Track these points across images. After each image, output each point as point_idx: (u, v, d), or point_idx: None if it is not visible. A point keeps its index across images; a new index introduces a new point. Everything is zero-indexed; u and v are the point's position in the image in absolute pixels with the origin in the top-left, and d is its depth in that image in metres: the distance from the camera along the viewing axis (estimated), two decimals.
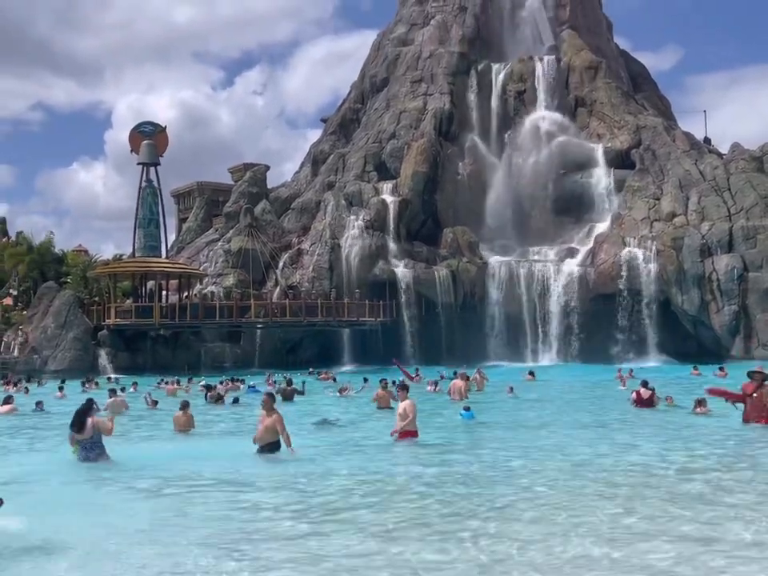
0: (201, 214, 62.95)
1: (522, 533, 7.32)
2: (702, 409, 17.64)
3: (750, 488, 9.22)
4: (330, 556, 6.71)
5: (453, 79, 58.85)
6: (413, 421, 13.61)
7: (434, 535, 7.30)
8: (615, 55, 65.83)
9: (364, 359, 46.19)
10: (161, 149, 50.97)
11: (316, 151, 62.89)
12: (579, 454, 12.19)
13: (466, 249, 51.78)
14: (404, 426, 13.55)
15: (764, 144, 52.59)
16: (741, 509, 8.08)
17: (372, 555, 6.74)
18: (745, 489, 9.17)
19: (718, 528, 7.32)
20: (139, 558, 6.73)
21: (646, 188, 52.08)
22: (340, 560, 6.59)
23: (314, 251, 51.38)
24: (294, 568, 6.45)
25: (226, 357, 45.94)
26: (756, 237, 45.80)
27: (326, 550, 6.90)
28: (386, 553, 6.78)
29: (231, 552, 6.88)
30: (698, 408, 17.75)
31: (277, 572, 6.37)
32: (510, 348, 48.15)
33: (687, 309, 46.45)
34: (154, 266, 46.97)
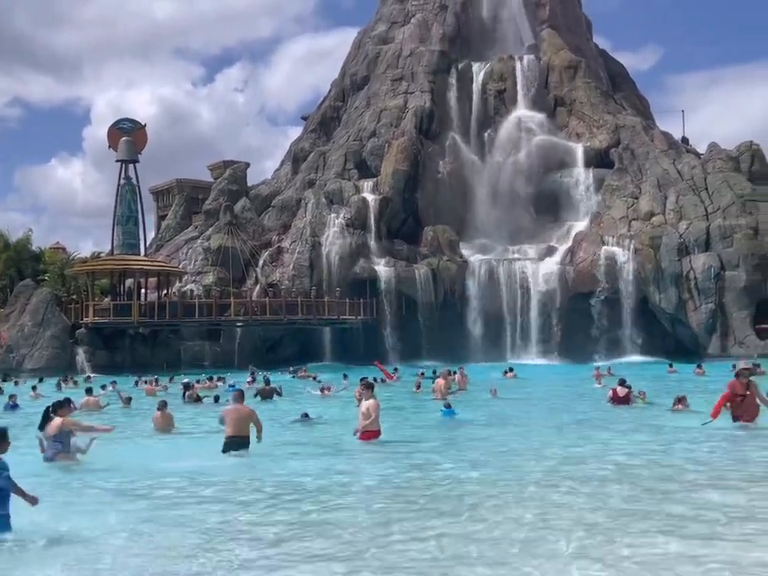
0: (180, 212, 62.62)
1: (484, 531, 7.35)
2: (681, 406, 17.80)
3: (724, 485, 9.33)
4: (297, 558, 6.71)
5: (433, 78, 58.94)
6: (375, 420, 13.51)
7: (396, 534, 7.32)
8: (594, 55, 66.23)
9: (344, 357, 46.20)
10: (140, 146, 50.61)
11: (296, 149, 62.74)
12: (552, 452, 12.25)
13: (447, 247, 51.90)
14: (366, 425, 13.48)
15: (741, 144, 53.17)
16: (705, 508, 8.18)
17: (338, 555, 6.75)
18: (719, 486, 9.28)
19: (685, 526, 7.41)
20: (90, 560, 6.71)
21: (624, 187, 52.45)
22: (305, 562, 6.60)
23: (295, 249, 51.29)
24: (262, 569, 6.45)
25: (206, 355, 45.76)
26: (733, 236, 46.28)
27: (292, 552, 6.89)
28: (354, 553, 6.79)
29: (193, 555, 6.84)
30: (678, 405, 17.92)
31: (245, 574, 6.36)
32: (489, 346, 48.32)
33: (665, 307, 46.85)
34: (132, 264, 46.68)
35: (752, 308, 45.01)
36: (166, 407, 16.60)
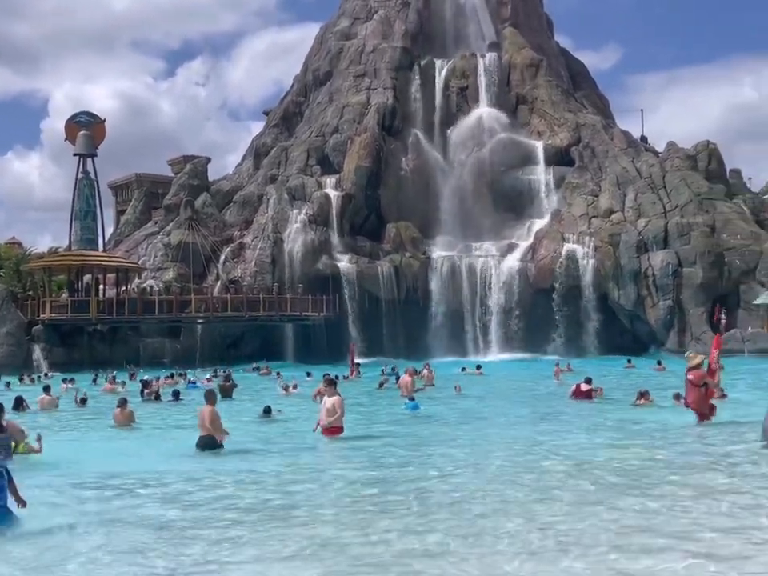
0: (139, 207, 61.74)
1: (440, 526, 7.38)
2: (644, 400, 18.02)
3: (680, 478, 9.46)
4: (251, 558, 6.65)
5: (396, 74, 58.92)
6: (341, 417, 13.56)
7: (350, 530, 7.30)
8: (556, 53, 66.81)
9: (307, 354, 46.01)
10: (98, 140, 49.76)
11: (258, 144, 62.28)
12: (511, 447, 12.36)
13: (409, 244, 51.98)
14: (332, 421, 13.47)
15: (698, 143, 54.11)
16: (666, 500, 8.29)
17: (297, 554, 6.70)
18: (675, 480, 9.41)
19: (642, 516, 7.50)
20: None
21: (584, 185, 53.03)
22: (262, 562, 6.54)
23: (256, 245, 50.94)
24: (217, 568, 6.37)
25: (166, 352, 45.23)
26: (690, 233, 47.08)
27: (250, 551, 6.83)
28: (313, 550, 6.76)
29: (147, 554, 6.75)
30: (641, 399, 18.13)
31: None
32: (452, 342, 48.53)
33: (624, 303, 47.50)
34: (90, 260, 45.93)
35: (708, 304, 45.86)
36: (126, 404, 16.41)
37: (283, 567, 6.35)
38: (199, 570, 6.33)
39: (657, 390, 19.40)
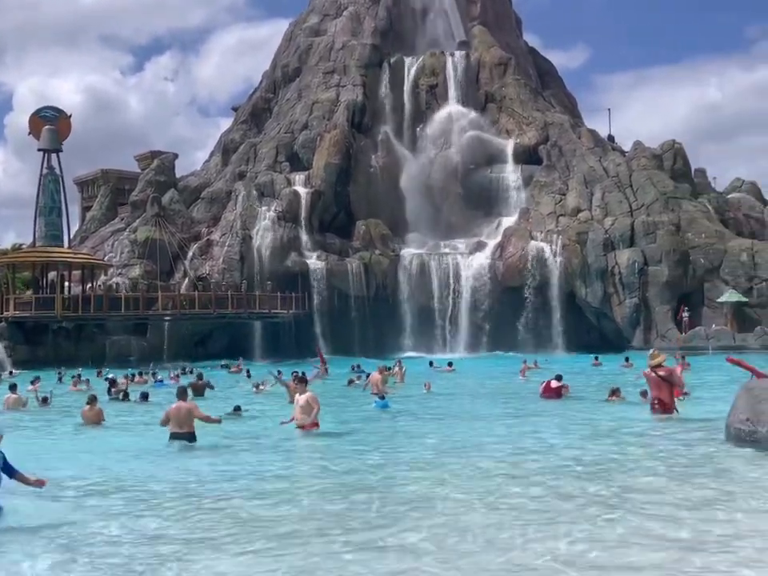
0: (105, 203, 61.02)
1: (403, 524, 7.40)
2: (616, 397, 18.17)
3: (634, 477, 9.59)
4: (217, 553, 6.61)
5: (365, 71, 58.87)
6: (316, 413, 13.58)
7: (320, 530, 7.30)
8: (524, 52, 67.23)
9: (276, 352, 45.80)
10: (63, 135, 49.06)
11: (226, 140, 61.86)
12: (477, 445, 12.43)
13: (379, 241, 52.00)
14: (306, 418, 13.47)
15: (664, 143, 54.79)
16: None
17: (262, 549, 6.70)
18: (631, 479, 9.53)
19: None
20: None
21: (552, 183, 53.45)
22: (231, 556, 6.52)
23: (225, 242, 50.61)
24: (185, 566, 6.33)
25: (132, 350, 44.71)
26: (656, 232, 47.68)
27: (217, 547, 6.80)
28: (278, 546, 6.74)
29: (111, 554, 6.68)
30: (612, 396, 18.28)
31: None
32: (421, 340, 48.67)
33: (591, 301, 47.98)
34: (55, 256, 45.27)
35: (674, 302, 46.51)
36: (95, 402, 16.24)
37: (247, 563, 6.33)
38: (168, 569, 6.27)
39: (626, 388, 19.59)
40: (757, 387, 11.71)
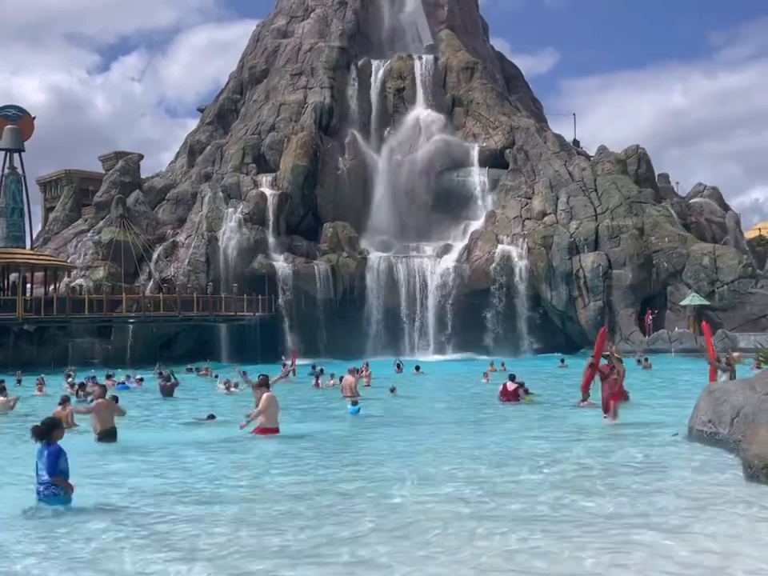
0: (69, 204, 60.16)
1: (362, 528, 7.44)
2: (585, 403, 18.21)
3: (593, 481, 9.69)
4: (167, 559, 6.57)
5: (333, 74, 58.80)
6: (275, 416, 13.55)
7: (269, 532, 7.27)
8: (491, 57, 67.67)
9: (242, 354, 45.45)
10: (26, 135, 48.39)
11: (192, 141, 61.37)
12: (435, 451, 12.48)
13: (346, 244, 51.94)
14: (265, 421, 13.41)
15: (628, 148, 55.48)
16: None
17: (214, 557, 6.68)
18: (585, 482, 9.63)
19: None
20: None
21: (518, 187, 53.84)
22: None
23: (190, 244, 50.19)
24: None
25: (96, 353, 44.13)
26: (620, 236, 48.27)
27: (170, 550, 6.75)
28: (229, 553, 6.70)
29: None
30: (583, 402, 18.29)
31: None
32: (388, 342, 48.67)
33: (556, 304, 48.42)
34: (17, 257, 44.53)
35: (637, 305, 47.13)
36: (68, 402, 16.20)
37: (195, 568, 6.28)
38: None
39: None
40: (718, 390, 11.92)
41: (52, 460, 8.39)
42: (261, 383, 14.13)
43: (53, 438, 8.57)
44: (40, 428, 8.62)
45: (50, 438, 8.55)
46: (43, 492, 8.46)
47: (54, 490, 8.42)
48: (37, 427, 8.67)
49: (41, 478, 8.48)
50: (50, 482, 8.42)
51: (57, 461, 8.41)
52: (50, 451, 8.43)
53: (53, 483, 8.41)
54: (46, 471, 8.40)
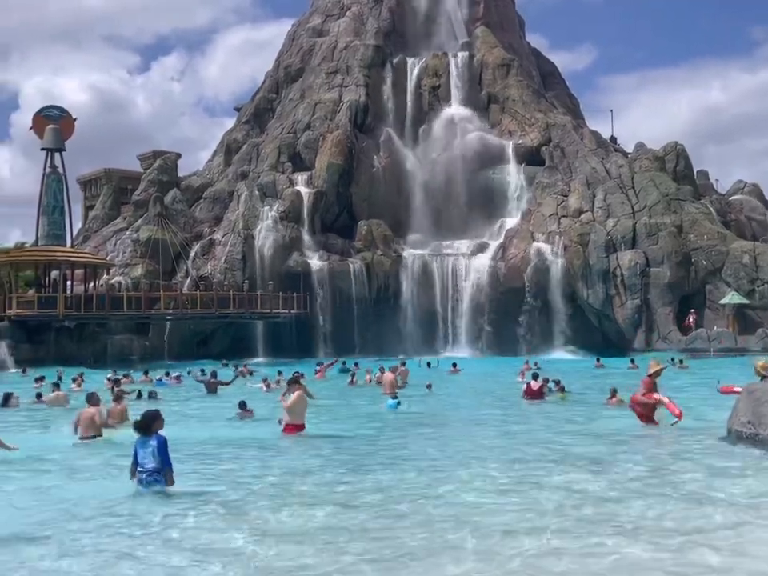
0: (108, 202, 61.04)
1: (396, 526, 7.46)
2: (614, 400, 18.11)
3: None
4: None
5: (368, 72, 58.88)
6: (302, 413, 13.64)
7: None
8: (527, 53, 67.20)
9: (277, 352, 45.86)
10: (66, 135, 49.10)
11: (229, 140, 61.91)
12: (465, 451, 12.46)
13: (381, 242, 52.00)
14: (293, 418, 13.51)
15: (667, 144, 54.73)
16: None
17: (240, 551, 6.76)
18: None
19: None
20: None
21: (554, 185, 53.42)
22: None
23: (227, 242, 50.65)
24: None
25: (134, 349, 44.75)
26: (658, 234, 47.65)
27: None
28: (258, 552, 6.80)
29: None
30: (612, 399, 18.21)
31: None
32: (422, 340, 48.65)
33: (592, 303, 47.96)
34: (58, 255, 45.30)
35: (675, 304, 46.49)
36: (122, 399, 16.52)
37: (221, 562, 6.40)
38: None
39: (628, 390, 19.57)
40: (758, 390, 11.72)
41: (163, 451, 8.84)
42: (294, 380, 14.19)
43: (153, 430, 8.99)
44: (141, 422, 9.07)
45: (151, 431, 8.98)
46: (146, 479, 8.88)
47: (157, 477, 8.86)
48: (138, 422, 9.13)
49: (144, 467, 8.88)
50: (153, 470, 8.84)
51: (166, 451, 8.87)
52: (159, 443, 8.86)
53: (156, 471, 8.84)
54: (153, 461, 8.83)
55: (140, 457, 8.97)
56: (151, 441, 8.93)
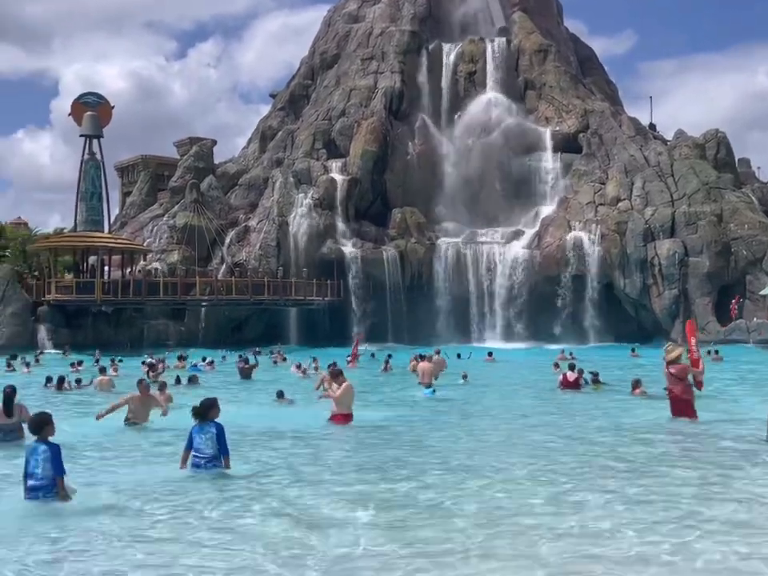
0: (145, 189, 61.67)
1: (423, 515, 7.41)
2: (638, 391, 17.91)
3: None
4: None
5: (404, 58, 58.54)
6: (350, 404, 13.67)
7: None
8: (565, 39, 66.30)
9: (311, 338, 46.09)
10: (104, 121, 49.70)
11: (264, 127, 62.07)
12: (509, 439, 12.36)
13: (415, 229, 51.85)
14: (342, 409, 13.54)
15: (707, 132, 53.66)
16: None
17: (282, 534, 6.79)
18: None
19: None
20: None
21: (592, 172, 52.74)
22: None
23: (262, 228, 50.89)
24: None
25: (170, 334, 45.31)
26: (697, 222, 46.83)
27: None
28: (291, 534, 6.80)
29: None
30: (636, 390, 18.04)
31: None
32: (456, 329, 48.50)
33: (629, 292, 47.36)
34: (96, 241, 45.95)
35: (714, 294, 45.72)
36: (165, 387, 16.79)
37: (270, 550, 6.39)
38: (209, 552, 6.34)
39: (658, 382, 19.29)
40: None
41: (222, 438, 9.13)
42: (337, 373, 14.19)
43: (210, 417, 9.21)
44: (199, 409, 9.26)
45: (208, 417, 9.19)
46: (205, 464, 9.13)
47: (216, 462, 9.14)
48: (196, 408, 9.29)
49: (203, 452, 9.12)
50: (212, 456, 9.11)
51: (224, 437, 9.17)
52: (219, 429, 9.14)
53: (214, 457, 9.11)
54: (212, 447, 9.09)
55: (197, 442, 9.17)
56: (210, 427, 9.16)
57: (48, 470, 7.75)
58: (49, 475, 7.76)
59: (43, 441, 7.95)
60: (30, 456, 7.89)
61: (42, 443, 7.93)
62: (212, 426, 9.17)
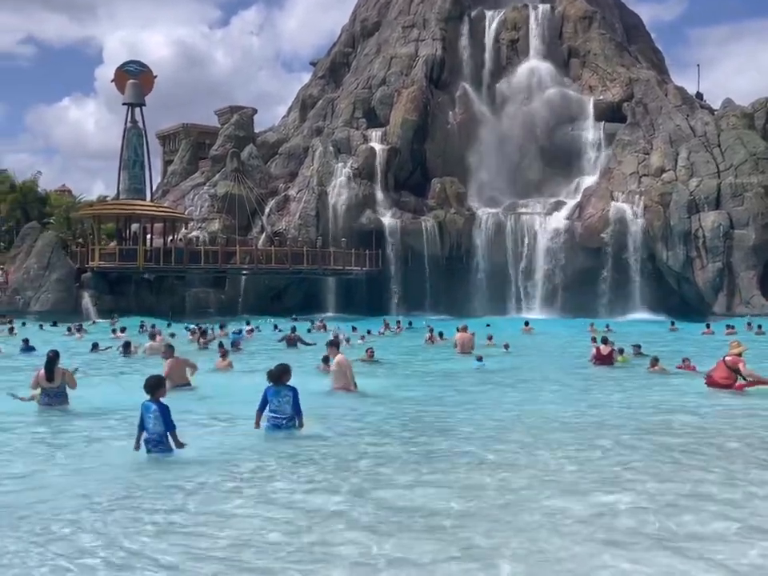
0: (186, 157, 62.13)
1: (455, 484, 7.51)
2: (657, 367, 17.59)
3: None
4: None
5: (445, 25, 57.78)
6: (349, 378, 13.72)
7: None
8: (610, 5, 64.77)
9: (348, 308, 46.31)
10: (146, 89, 50.01)
11: (305, 95, 61.94)
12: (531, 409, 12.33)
13: (454, 200, 51.53)
14: (342, 385, 13.62)
15: (756, 100, 52.21)
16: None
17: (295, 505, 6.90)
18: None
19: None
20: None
21: (635, 142, 51.76)
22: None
23: (301, 198, 51.01)
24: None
25: (211, 302, 45.90)
26: (744, 194, 45.80)
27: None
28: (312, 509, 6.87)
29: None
30: (654, 367, 17.68)
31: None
32: (494, 300, 48.25)
33: (672, 265, 46.64)
34: (138, 209, 46.49)
35: (759, 267, 44.82)
36: (227, 355, 18.10)
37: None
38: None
39: (702, 357, 19.02)
40: None
41: (297, 400, 9.81)
42: (332, 344, 14.40)
43: (282, 381, 9.82)
44: (274, 373, 9.87)
45: (281, 381, 9.80)
46: (285, 424, 9.83)
47: (293, 422, 9.85)
48: (272, 372, 9.89)
49: (282, 413, 9.81)
50: (290, 416, 9.82)
51: (298, 400, 9.84)
52: (295, 393, 9.80)
53: (292, 417, 9.82)
54: (290, 408, 9.80)
55: (274, 405, 9.81)
56: (287, 391, 9.80)
57: (159, 426, 8.57)
58: (159, 431, 8.58)
59: (155, 401, 8.66)
60: (144, 413, 8.68)
61: (153, 403, 8.66)
62: (289, 390, 9.78)
